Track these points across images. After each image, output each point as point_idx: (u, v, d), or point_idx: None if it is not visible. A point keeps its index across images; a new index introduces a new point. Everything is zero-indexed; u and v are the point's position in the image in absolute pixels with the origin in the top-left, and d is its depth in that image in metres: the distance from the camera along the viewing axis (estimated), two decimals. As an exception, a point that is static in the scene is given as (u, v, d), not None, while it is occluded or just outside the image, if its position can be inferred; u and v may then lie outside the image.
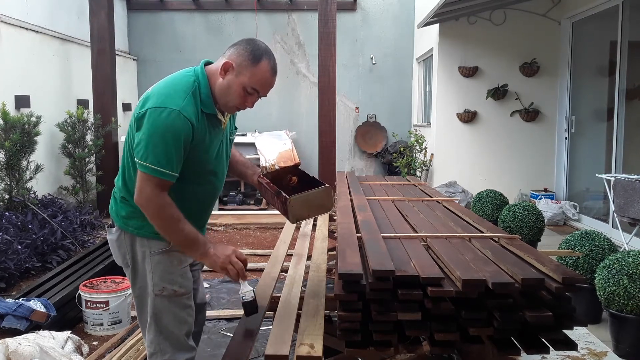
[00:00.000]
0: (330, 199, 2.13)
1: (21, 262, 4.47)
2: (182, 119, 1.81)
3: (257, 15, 9.55)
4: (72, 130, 6.70)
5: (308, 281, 2.53)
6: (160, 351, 1.98)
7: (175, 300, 1.98)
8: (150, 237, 1.96)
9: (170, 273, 1.97)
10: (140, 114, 1.84)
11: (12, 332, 3.10)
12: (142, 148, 1.81)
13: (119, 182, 2.03)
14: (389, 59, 9.83)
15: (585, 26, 6.92)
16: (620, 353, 2.99)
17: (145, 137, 1.80)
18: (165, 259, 1.97)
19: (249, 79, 1.90)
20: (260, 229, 6.78)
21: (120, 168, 2.02)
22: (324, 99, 7.29)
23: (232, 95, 1.92)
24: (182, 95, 1.85)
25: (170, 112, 1.80)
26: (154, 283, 1.96)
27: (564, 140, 7.29)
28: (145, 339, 2.04)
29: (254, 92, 1.94)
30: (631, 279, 2.96)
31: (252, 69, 1.89)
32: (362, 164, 10.05)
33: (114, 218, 2.05)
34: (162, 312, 1.97)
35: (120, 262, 2.07)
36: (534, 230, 4.84)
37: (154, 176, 1.81)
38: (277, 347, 1.83)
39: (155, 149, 1.79)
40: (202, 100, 1.90)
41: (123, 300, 3.56)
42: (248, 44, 1.92)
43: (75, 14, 7.66)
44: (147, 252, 1.97)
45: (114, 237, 2.03)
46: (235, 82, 1.90)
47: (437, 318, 1.87)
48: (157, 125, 1.80)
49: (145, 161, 1.80)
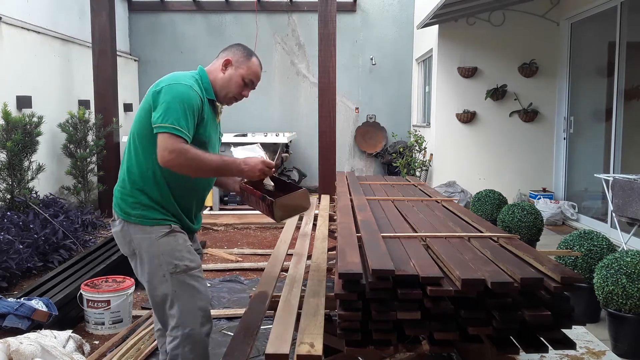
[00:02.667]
0: (307, 199, 2.44)
1: (23, 261, 4.49)
2: (194, 91, 2.12)
3: (258, 16, 9.57)
4: (73, 131, 6.72)
5: (308, 280, 2.55)
6: (182, 324, 2.14)
7: (190, 274, 2.16)
8: (153, 224, 2.15)
9: (179, 251, 2.16)
10: (156, 91, 2.10)
11: (13, 331, 3.11)
12: (162, 113, 2.04)
13: (123, 175, 2.21)
14: (389, 60, 9.84)
15: (584, 27, 6.94)
16: (618, 352, 3.00)
17: (165, 103, 2.05)
18: (170, 240, 2.16)
19: (246, 71, 2.27)
20: (260, 228, 6.80)
21: (125, 161, 2.21)
22: (324, 99, 7.30)
23: (233, 86, 2.26)
24: (190, 79, 2.17)
25: (185, 85, 2.11)
26: (167, 262, 2.14)
27: (563, 140, 7.31)
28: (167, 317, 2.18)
29: (250, 83, 2.30)
30: (629, 278, 2.98)
31: (247, 63, 2.27)
32: (362, 164, 10.07)
33: (116, 211, 2.22)
34: (181, 289, 2.14)
35: (126, 250, 2.23)
36: (533, 230, 4.86)
37: (173, 134, 2.02)
38: (277, 346, 1.84)
39: (175, 112, 2.04)
40: (205, 88, 2.22)
41: (124, 300, 3.58)
42: (239, 46, 2.33)
43: (76, 14, 7.67)
44: (152, 237, 2.15)
45: (119, 229, 2.21)
46: (235, 74, 2.26)
47: (437, 317, 1.88)
48: (175, 93, 2.07)
49: (165, 122, 2.02)
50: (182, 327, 2.13)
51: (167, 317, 2.18)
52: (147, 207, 2.15)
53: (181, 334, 2.13)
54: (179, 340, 2.14)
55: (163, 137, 2.02)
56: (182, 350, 2.13)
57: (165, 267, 2.13)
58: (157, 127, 2.04)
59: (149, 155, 2.13)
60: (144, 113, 2.13)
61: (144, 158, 2.15)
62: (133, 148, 2.18)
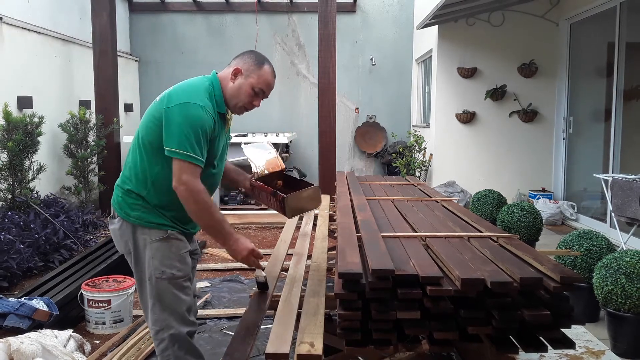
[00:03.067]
0: (319, 196, 2.43)
1: (24, 261, 4.49)
2: (207, 113, 2.08)
3: (258, 16, 9.57)
4: (74, 131, 6.73)
5: (308, 280, 2.55)
6: (166, 327, 2.16)
7: (174, 282, 2.17)
8: (150, 226, 2.16)
9: (169, 258, 2.17)
10: (168, 109, 2.06)
11: (14, 331, 3.11)
12: (176, 137, 2.02)
13: (126, 174, 2.21)
14: (389, 60, 9.85)
15: (583, 27, 6.94)
16: (618, 352, 3.01)
17: (178, 127, 2.02)
18: (164, 246, 2.17)
19: (256, 80, 2.19)
20: (260, 228, 6.81)
21: (131, 161, 2.20)
22: (324, 99, 7.30)
23: (243, 95, 2.20)
24: (204, 95, 2.12)
25: (198, 107, 2.06)
26: (155, 267, 2.15)
27: (562, 140, 7.31)
28: (149, 319, 2.21)
29: (260, 92, 2.22)
30: (629, 278, 2.99)
31: (258, 72, 2.20)
32: (362, 164, 10.08)
33: (115, 209, 2.22)
34: (163, 293, 2.16)
35: (122, 249, 2.24)
36: (532, 230, 4.86)
37: (187, 161, 2.02)
38: (277, 346, 1.84)
39: (188, 137, 2.01)
40: (217, 102, 2.18)
41: (125, 299, 3.59)
42: (251, 53, 2.26)
43: (77, 15, 7.68)
44: (147, 239, 2.16)
45: (117, 227, 2.22)
46: (245, 84, 2.19)
47: (436, 317, 1.89)
48: (188, 117, 2.03)
49: (180, 149, 2.01)
50: (166, 329, 2.15)
51: (148, 318, 2.21)
52: (146, 209, 2.16)
53: (167, 336, 2.15)
54: (166, 342, 2.16)
55: (178, 164, 2.03)
56: (173, 350, 2.16)
57: (152, 270, 2.15)
58: (170, 151, 2.03)
59: (154, 164, 2.13)
60: (153, 122, 2.10)
61: (148, 166, 2.14)
62: (138, 152, 2.16)
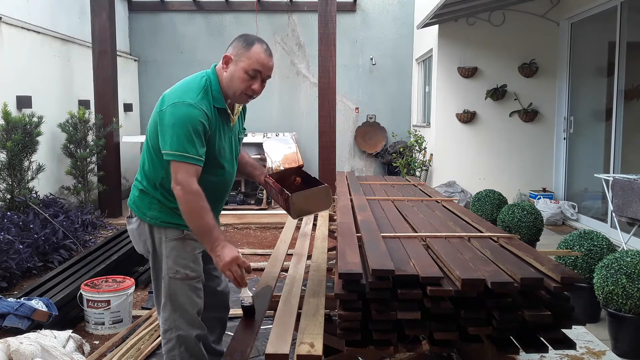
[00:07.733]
0: (328, 197, 2.28)
1: (23, 261, 4.49)
2: (198, 109, 2.03)
3: (258, 16, 9.56)
4: (73, 131, 6.72)
5: (308, 280, 2.55)
6: (175, 327, 2.19)
7: (187, 282, 2.19)
8: (167, 226, 2.19)
9: (183, 258, 2.19)
10: (161, 112, 2.06)
11: (13, 331, 3.11)
12: (168, 139, 2.01)
13: (140, 175, 2.25)
14: (389, 60, 9.84)
15: (583, 27, 6.94)
16: (618, 352, 3.00)
17: (169, 129, 2.01)
18: (178, 245, 2.19)
19: (247, 63, 2.10)
20: (260, 228, 6.80)
21: (140, 162, 2.23)
22: (324, 99, 7.30)
23: (237, 82, 2.11)
24: (196, 92, 2.08)
25: (188, 105, 2.03)
26: (169, 267, 2.18)
27: (563, 140, 7.31)
28: (160, 317, 2.24)
29: (256, 74, 2.12)
30: (629, 278, 2.98)
31: (247, 53, 2.10)
32: (362, 164, 10.07)
33: (132, 209, 2.25)
34: (176, 293, 2.18)
35: (142, 249, 2.26)
36: (533, 230, 4.85)
37: (182, 162, 2.00)
38: (277, 346, 1.84)
39: (179, 137, 1.99)
40: (214, 97, 2.12)
41: (124, 300, 3.58)
42: (240, 37, 2.17)
43: (76, 14, 7.67)
44: (163, 238, 2.19)
45: (134, 227, 2.25)
46: (236, 69, 2.11)
47: (437, 317, 1.88)
48: (177, 116, 2.01)
49: (171, 149, 2.00)
50: (174, 330, 2.18)
51: (160, 316, 2.24)
52: (162, 209, 2.19)
53: (175, 336, 2.18)
54: (173, 342, 2.19)
55: (173, 165, 2.02)
56: (179, 351, 2.18)
57: (166, 269, 2.18)
58: (166, 153, 2.03)
59: (159, 169, 2.16)
60: (153, 126, 2.13)
61: (154, 169, 2.18)
62: (147, 155, 2.20)
